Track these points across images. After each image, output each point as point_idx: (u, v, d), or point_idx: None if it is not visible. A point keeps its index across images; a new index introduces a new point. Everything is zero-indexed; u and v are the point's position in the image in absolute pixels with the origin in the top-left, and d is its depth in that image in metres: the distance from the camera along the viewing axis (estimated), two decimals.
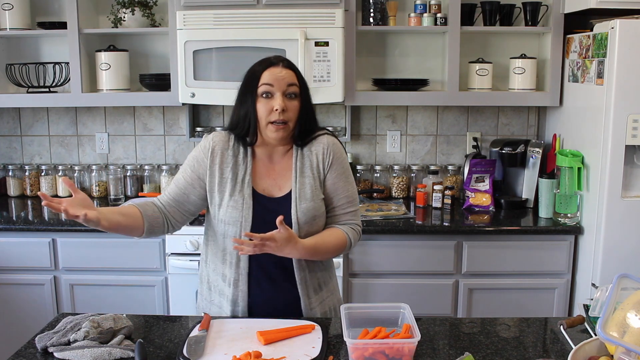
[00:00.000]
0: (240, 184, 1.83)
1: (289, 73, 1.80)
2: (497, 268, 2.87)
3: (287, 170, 1.87)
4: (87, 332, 1.59)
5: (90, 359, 1.53)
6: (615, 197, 2.65)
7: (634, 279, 1.48)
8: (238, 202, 1.81)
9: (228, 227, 1.82)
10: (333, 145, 1.90)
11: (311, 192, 1.84)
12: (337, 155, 1.90)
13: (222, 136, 1.88)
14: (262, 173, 1.87)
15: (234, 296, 1.85)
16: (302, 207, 1.82)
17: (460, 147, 3.46)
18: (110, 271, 2.90)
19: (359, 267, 2.87)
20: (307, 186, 1.85)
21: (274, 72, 1.78)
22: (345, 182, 1.91)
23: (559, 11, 3.04)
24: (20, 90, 3.30)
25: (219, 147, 1.86)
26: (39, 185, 3.45)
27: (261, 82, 1.78)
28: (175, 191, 1.88)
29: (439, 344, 1.66)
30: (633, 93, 2.58)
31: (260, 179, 1.86)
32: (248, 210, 1.81)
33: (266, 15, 2.90)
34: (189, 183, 1.87)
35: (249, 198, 1.82)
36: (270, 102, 1.77)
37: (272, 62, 1.81)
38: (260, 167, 1.87)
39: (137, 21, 3.14)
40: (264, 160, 1.88)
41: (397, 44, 3.33)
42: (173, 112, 3.45)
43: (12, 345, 2.36)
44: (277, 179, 1.87)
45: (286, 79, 1.78)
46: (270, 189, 1.86)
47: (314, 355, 1.54)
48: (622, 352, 1.32)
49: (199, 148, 1.89)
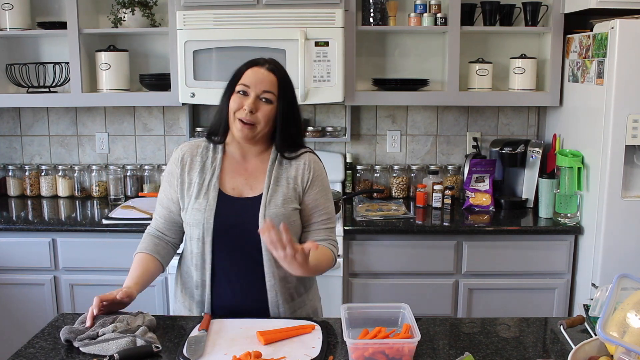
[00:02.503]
0: (206, 187, 1.83)
1: (270, 77, 1.78)
2: (497, 268, 2.87)
3: (260, 172, 1.86)
4: (115, 326, 1.61)
5: (115, 350, 1.54)
6: (615, 197, 2.65)
7: (634, 279, 1.48)
8: (202, 205, 1.81)
9: (192, 229, 1.84)
10: (314, 163, 1.89)
11: (283, 199, 1.82)
12: (317, 172, 1.88)
13: (190, 144, 1.91)
14: (233, 171, 1.87)
15: (201, 298, 1.86)
16: (270, 211, 1.80)
17: (460, 147, 3.46)
18: (110, 271, 2.89)
19: (359, 267, 2.87)
20: (280, 193, 1.83)
21: (255, 72, 1.78)
22: (325, 199, 1.90)
23: (559, 11, 3.04)
24: (20, 90, 3.30)
25: (188, 155, 1.88)
26: (39, 185, 3.45)
27: (240, 81, 1.78)
28: (162, 212, 1.91)
29: (439, 344, 1.66)
30: (633, 93, 2.58)
31: (232, 177, 1.86)
32: (210, 212, 1.80)
33: (266, 15, 2.90)
34: (170, 200, 1.88)
35: (213, 200, 1.81)
36: (243, 99, 1.78)
37: (257, 63, 1.81)
38: (232, 165, 1.87)
39: (137, 21, 3.14)
40: (237, 158, 1.88)
41: (397, 44, 3.33)
42: (173, 112, 3.45)
43: (12, 345, 2.36)
44: (249, 178, 1.86)
45: (264, 83, 1.77)
46: (240, 187, 1.85)
47: (314, 355, 1.54)
48: (622, 352, 1.32)
49: (170, 161, 1.91)
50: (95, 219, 3.01)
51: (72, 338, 1.61)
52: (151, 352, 1.57)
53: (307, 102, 2.95)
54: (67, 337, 1.61)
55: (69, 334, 1.61)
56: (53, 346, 1.63)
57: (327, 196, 1.91)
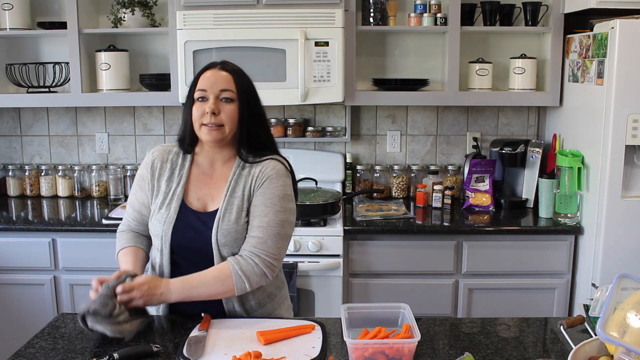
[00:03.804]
0: (170, 197, 1.82)
1: (225, 77, 1.75)
2: (497, 268, 2.87)
3: (222, 182, 1.82)
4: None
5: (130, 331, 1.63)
6: (615, 197, 2.65)
7: (634, 279, 1.48)
8: (163, 216, 1.80)
9: (155, 239, 1.84)
10: (271, 171, 1.77)
11: (236, 214, 1.76)
12: (269, 181, 1.76)
13: (162, 149, 1.89)
14: (199, 181, 1.84)
15: (163, 306, 1.86)
16: (223, 227, 1.75)
17: (460, 147, 3.46)
18: (110, 271, 2.85)
19: (359, 267, 2.87)
20: (235, 207, 1.77)
21: (209, 75, 1.75)
22: (265, 208, 1.74)
23: (559, 11, 3.04)
24: (20, 90, 3.30)
25: (158, 160, 1.87)
26: (39, 185, 3.45)
27: (197, 88, 1.76)
28: (134, 215, 1.90)
29: (439, 344, 1.66)
30: (633, 93, 2.58)
31: (198, 187, 1.83)
32: (169, 225, 1.79)
33: (266, 15, 2.90)
34: (142, 204, 1.88)
35: (174, 212, 1.79)
36: (203, 105, 1.75)
37: (209, 66, 1.78)
38: (199, 175, 1.84)
39: (137, 21, 3.14)
40: (205, 167, 1.84)
41: (397, 44, 3.33)
42: (173, 112, 3.45)
43: (12, 345, 2.36)
44: (212, 189, 1.82)
45: (219, 83, 1.74)
46: (205, 198, 1.82)
47: (314, 355, 1.54)
48: (622, 352, 1.32)
49: (142, 165, 1.90)
50: (95, 219, 3.01)
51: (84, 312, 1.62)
52: (151, 352, 1.57)
53: (307, 102, 2.95)
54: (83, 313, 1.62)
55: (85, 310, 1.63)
56: (53, 346, 1.63)
57: (271, 207, 1.74)
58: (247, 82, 1.80)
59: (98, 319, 1.60)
